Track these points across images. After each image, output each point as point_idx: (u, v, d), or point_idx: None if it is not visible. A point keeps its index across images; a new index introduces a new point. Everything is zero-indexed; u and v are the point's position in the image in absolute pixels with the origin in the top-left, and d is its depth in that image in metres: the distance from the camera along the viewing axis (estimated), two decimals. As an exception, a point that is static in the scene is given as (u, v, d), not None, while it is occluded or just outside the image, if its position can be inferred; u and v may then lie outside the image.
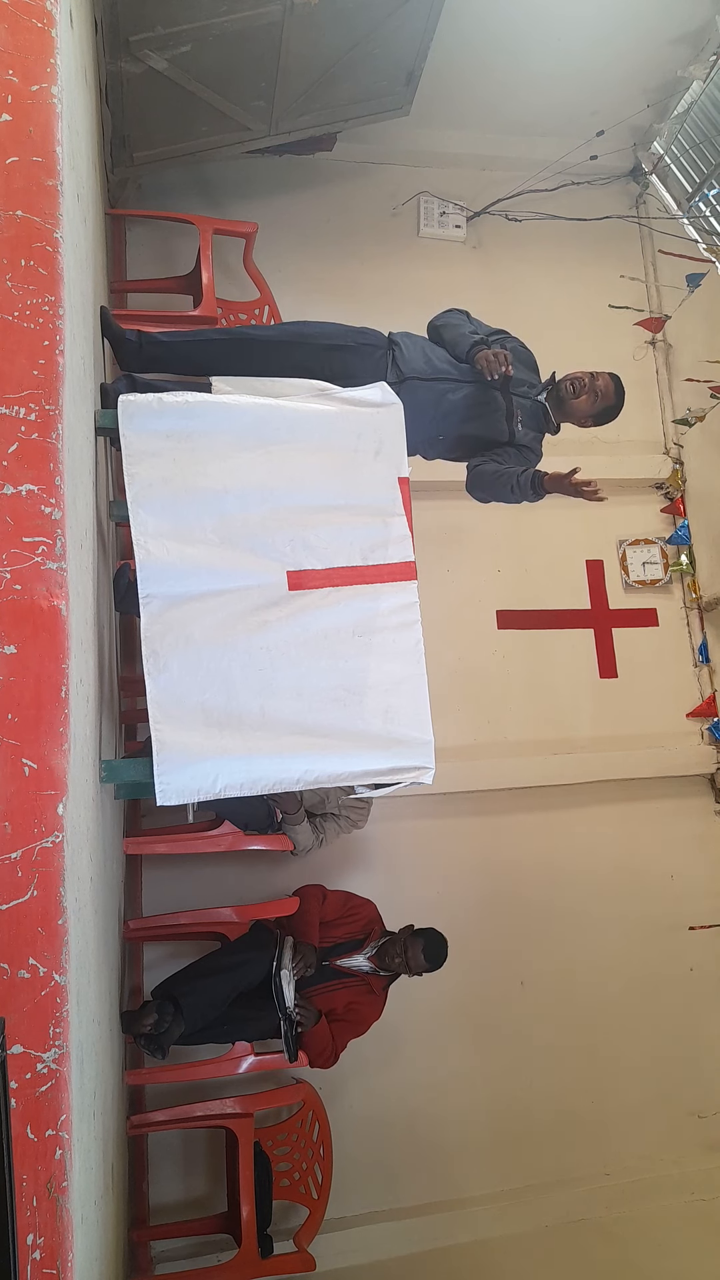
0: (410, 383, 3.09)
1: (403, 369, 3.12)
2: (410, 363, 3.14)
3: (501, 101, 5.03)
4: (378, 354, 3.14)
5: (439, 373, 3.16)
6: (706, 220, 5.38)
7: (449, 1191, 4.16)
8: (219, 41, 3.69)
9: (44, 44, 1.94)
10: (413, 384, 3.09)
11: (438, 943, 3.73)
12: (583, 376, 3.28)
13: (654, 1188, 4.30)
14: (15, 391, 1.73)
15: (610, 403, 3.32)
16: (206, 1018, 3.43)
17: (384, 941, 3.78)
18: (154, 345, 3.09)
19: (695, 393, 5.13)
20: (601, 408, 3.32)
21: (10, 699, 1.62)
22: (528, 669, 4.87)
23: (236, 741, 2.38)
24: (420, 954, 3.68)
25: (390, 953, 3.71)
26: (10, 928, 1.54)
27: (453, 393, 3.15)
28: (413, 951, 3.68)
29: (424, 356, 3.18)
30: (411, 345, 3.19)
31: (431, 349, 3.23)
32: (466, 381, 3.18)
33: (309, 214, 5.04)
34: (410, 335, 3.26)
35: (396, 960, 3.69)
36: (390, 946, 3.73)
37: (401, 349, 3.16)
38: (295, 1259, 3.58)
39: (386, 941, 3.77)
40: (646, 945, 4.66)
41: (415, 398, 3.02)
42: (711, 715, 4.96)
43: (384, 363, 3.13)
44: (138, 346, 3.08)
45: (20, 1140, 1.47)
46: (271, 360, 3.07)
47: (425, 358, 3.18)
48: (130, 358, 3.09)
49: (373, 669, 2.55)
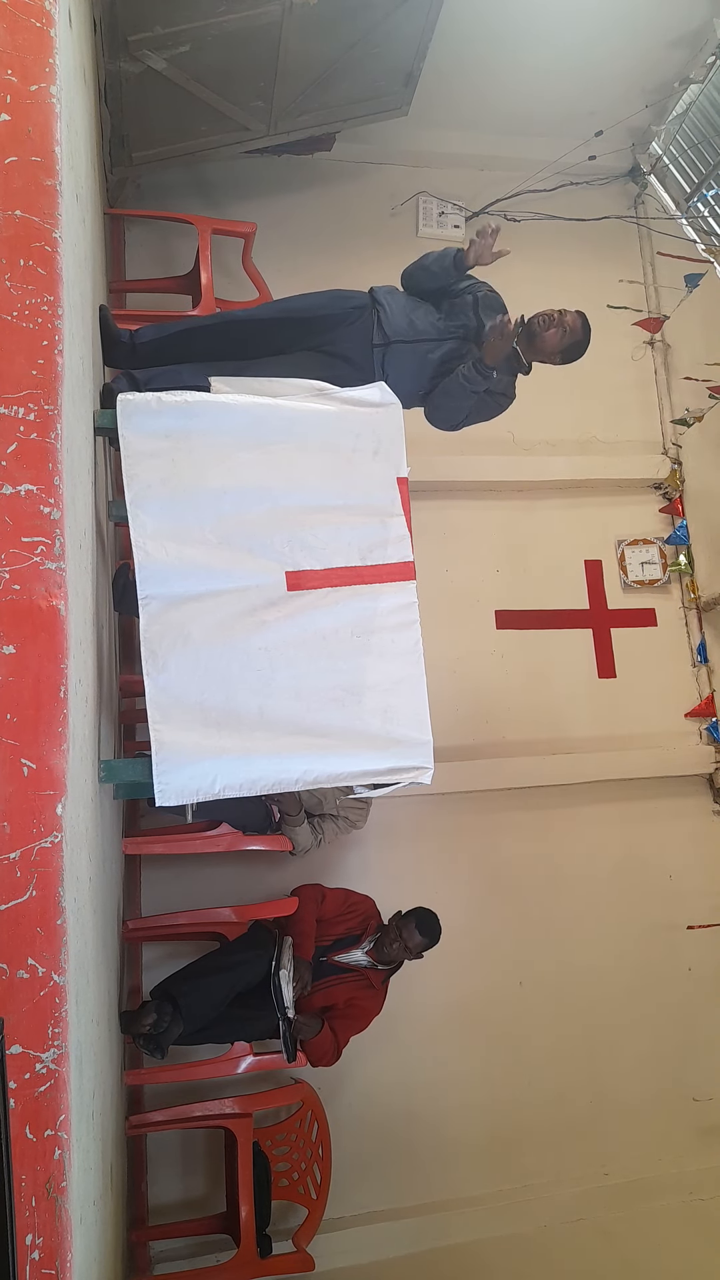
0: (395, 346, 3.19)
1: (387, 332, 3.19)
2: (394, 324, 3.20)
3: (500, 102, 5.03)
4: (363, 316, 3.20)
5: (420, 334, 3.23)
6: (705, 221, 5.38)
7: (448, 1191, 4.16)
8: (218, 41, 3.69)
9: (43, 44, 1.94)
10: (397, 347, 3.19)
11: (428, 917, 3.76)
12: (551, 312, 3.30)
13: (652, 1187, 4.31)
14: (14, 391, 1.73)
15: (578, 338, 3.32)
16: (205, 1018, 3.43)
17: (379, 934, 3.79)
18: (145, 345, 3.11)
19: (694, 393, 5.13)
20: (570, 343, 3.32)
21: (9, 699, 1.62)
22: (526, 669, 4.87)
23: (235, 742, 2.38)
24: (415, 932, 3.70)
25: (387, 941, 3.73)
26: (9, 928, 1.54)
27: (433, 351, 3.23)
28: (407, 932, 3.70)
29: (407, 318, 3.24)
30: (394, 305, 3.25)
31: (414, 307, 3.28)
32: (447, 339, 3.25)
33: (308, 214, 5.04)
34: (393, 292, 3.31)
35: (395, 946, 3.71)
36: (386, 936, 3.75)
37: (385, 310, 3.22)
38: (294, 1259, 3.58)
39: (382, 933, 3.78)
40: (645, 945, 4.66)
41: (400, 360, 3.17)
42: (710, 715, 4.97)
43: (368, 325, 3.20)
44: (130, 348, 3.08)
45: (19, 1140, 1.47)
46: (259, 339, 3.14)
47: (408, 319, 3.24)
48: (123, 358, 3.09)
49: (371, 669, 2.55)
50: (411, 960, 3.77)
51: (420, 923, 3.72)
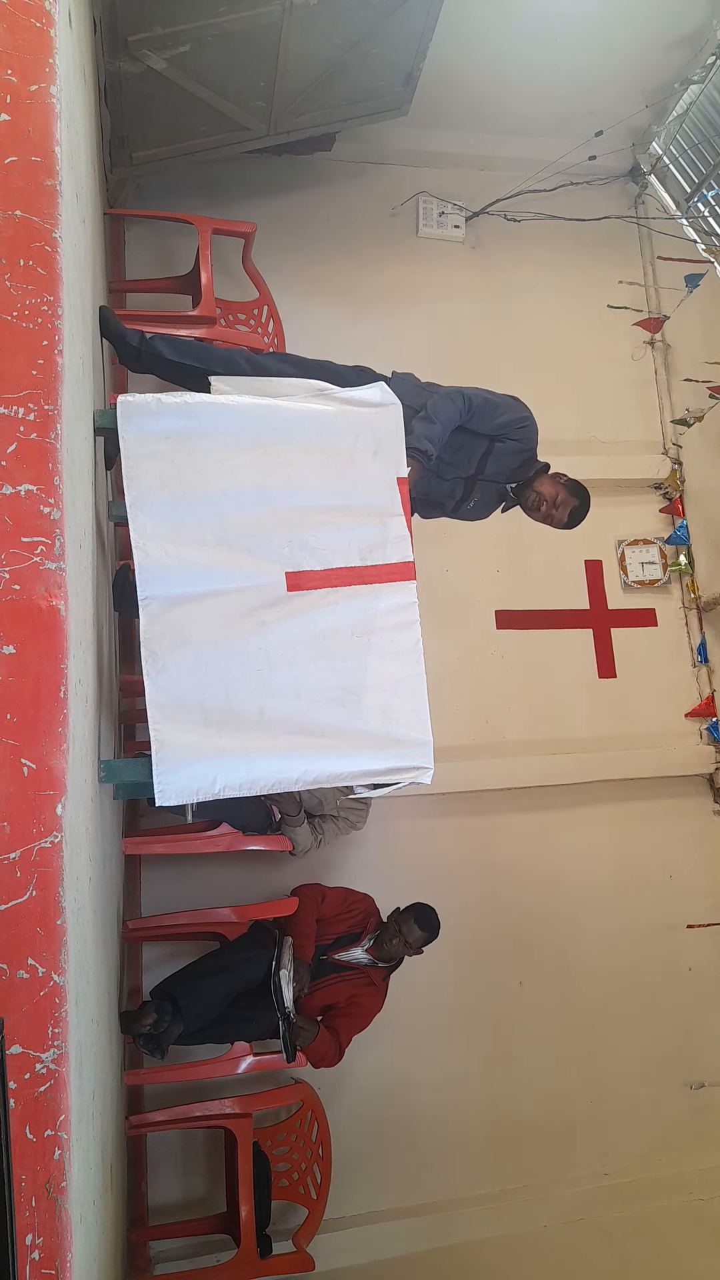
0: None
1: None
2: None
3: (500, 102, 5.03)
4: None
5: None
6: (705, 221, 5.38)
7: (447, 1191, 4.16)
8: (218, 41, 3.69)
9: (42, 44, 1.94)
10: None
11: (427, 912, 3.76)
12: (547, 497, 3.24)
13: (652, 1187, 4.31)
14: (14, 391, 1.73)
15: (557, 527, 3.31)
16: (205, 1018, 3.43)
17: (379, 932, 3.79)
18: (153, 358, 3.04)
19: (694, 393, 5.13)
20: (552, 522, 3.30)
21: (9, 699, 1.62)
22: (527, 669, 4.87)
23: (235, 742, 2.38)
24: (414, 927, 3.71)
25: (386, 938, 3.74)
26: (9, 928, 1.54)
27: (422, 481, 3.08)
28: (407, 928, 3.71)
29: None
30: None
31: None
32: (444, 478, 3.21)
33: (308, 214, 5.04)
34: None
35: (394, 941, 3.71)
36: (385, 933, 3.76)
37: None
38: (294, 1259, 3.58)
39: (381, 930, 3.78)
40: (645, 945, 4.66)
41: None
42: (710, 715, 4.97)
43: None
44: (136, 352, 3.05)
45: (19, 1140, 1.47)
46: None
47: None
48: (129, 360, 3.08)
49: (371, 669, 2.55)
50: (412, 956, 3.78)
51: (419, 917, 3.73)
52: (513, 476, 3.28)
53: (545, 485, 3.25)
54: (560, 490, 3.24)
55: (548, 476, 3.27)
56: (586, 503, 3.27)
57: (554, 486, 3.24)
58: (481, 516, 3.43)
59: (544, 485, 3.25)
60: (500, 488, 3.30)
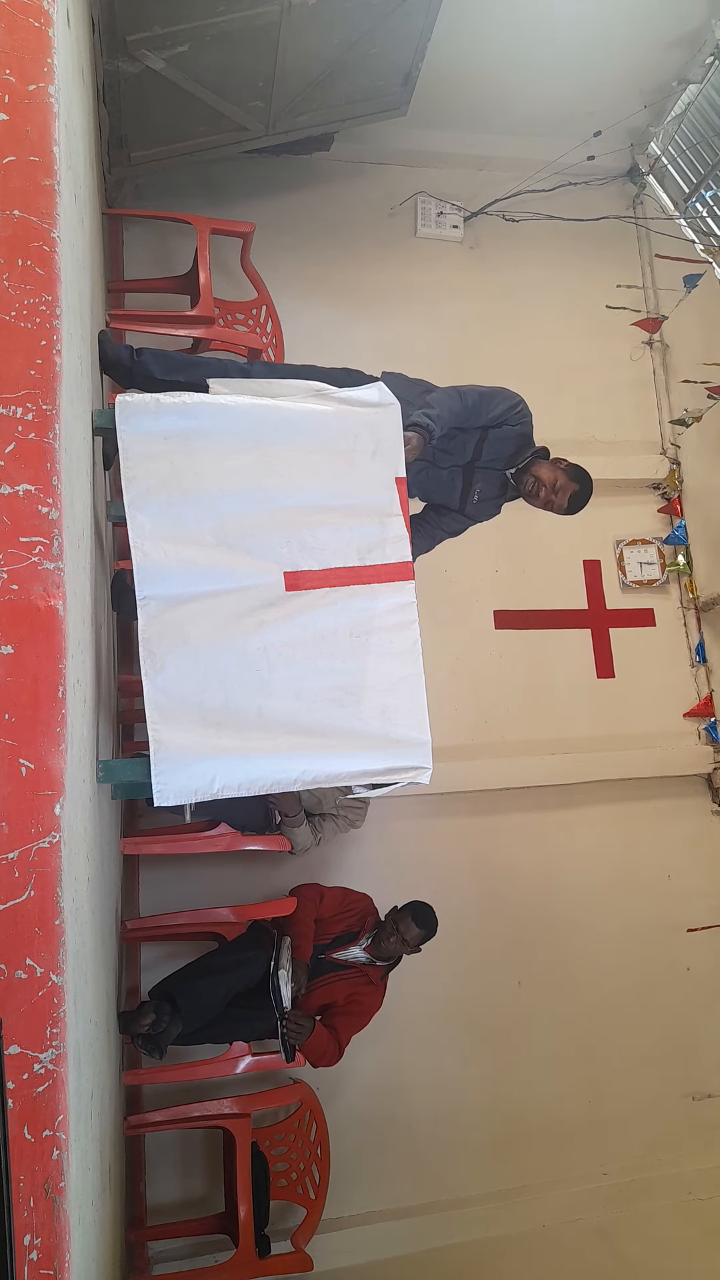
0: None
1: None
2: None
3: (499, 102, 5.03)
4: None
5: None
6: (703, 221, 5.38)
7: (446, 1191, 4.16)
8: (217, 41, 3.69)
9: (41, 43, 1.94)
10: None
11: (424, 910, 3.76)
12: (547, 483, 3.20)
13: (651, 1187, 4.31)
14: (12, 391, 1.73)
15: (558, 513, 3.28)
16: (204, 1018, 3.43)
17: (377, 930, 3.79)
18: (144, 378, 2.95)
19: (692, 393, 5.13)
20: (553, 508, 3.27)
21: (7, 699, 1.61)
22: (525, 669, 4.87)
23: (234, 742, 2.38)
24: (412, 925, 3.71)
25: (384, 936, 3.73)
26: (7, 928, 1.54)
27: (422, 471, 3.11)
28: (404, 926, 3.71)
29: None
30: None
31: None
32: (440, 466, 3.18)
33: (306, 214, 5.04)
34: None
35: (392, 940, 3.71)
36: (383, 931, 3.76)
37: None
38: (293, 1259, 3.58)
39: (379, 929, 3.79)
40: (643, 945, 4.66)
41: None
42: (708, 715, 4.97)
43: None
44: (129, 370, 2.98)
45: (18, 1141, 1.47)
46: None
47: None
48: (122, 380, 3.04)
49: (370, 669, 2.55)
50: (410, 954, 3.78)
51: (416, 915, 3.73)
52: (510, 462, 3.24)
53: (544, 470, 3.20)
54: (560, 475, 3.19)
55: (546, 461, 3.23)
56: (588, 487, 3.22)
57: (553, 471, 3.20)
58: (492, 513, 3.38)
59: (543, 470, 3.20)
60: (501, 475, 3.26)
